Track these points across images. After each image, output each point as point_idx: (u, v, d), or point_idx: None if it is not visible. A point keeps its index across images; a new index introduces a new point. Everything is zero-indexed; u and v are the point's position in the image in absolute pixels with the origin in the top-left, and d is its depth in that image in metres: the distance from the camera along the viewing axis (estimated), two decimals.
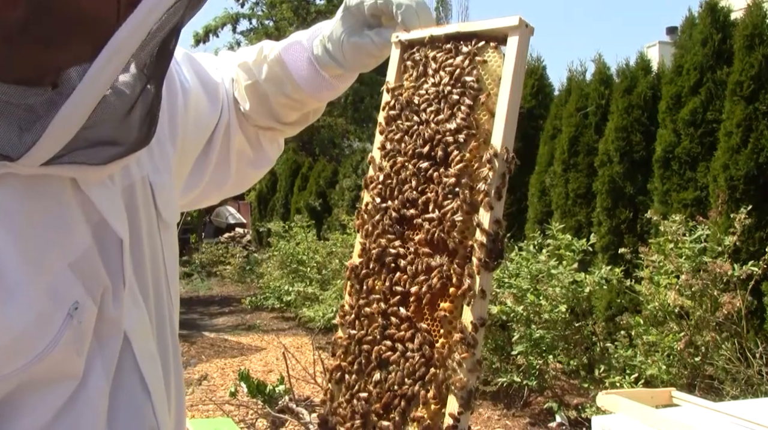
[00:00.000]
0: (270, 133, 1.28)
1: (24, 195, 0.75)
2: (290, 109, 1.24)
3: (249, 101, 1.22)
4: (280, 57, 1.19)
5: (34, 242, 0.75)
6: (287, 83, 1.19)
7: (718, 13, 5.86)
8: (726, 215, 4.96)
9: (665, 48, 13.27)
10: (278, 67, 1.20)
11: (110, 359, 0.84)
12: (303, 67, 1.18)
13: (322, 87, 1.20)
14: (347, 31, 1.12)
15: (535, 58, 8.20)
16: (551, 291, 4.99)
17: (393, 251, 1.01)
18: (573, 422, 5.17)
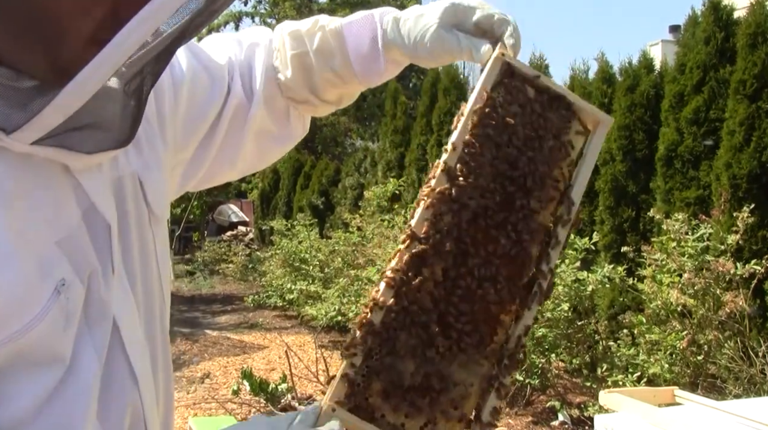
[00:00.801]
0: (303, 107, 1.26)
1: (15, 171, 0.77)
2: (332, 86, 1.22)
3: (291, 70, 1.20)
4: (340, 29, 1.19)
5: (23, 215, 0.77)
6: (338, 57, 1.18)
7: (721, 11, 5.85)
8: (729, 214, 4.96)
9: (668, 46, 13.26)
10: (334, 39, 1.18)
11: (101, 344, 0.84)
12: (363, 43, 1.17)
13: (373, 68, 1.18)
14: (440, 23, 1.10)
15: (538, 56, 8.19)
16: (554, 290, 4.99)
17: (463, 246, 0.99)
18: (575, 421, 5.17)
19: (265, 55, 1.21)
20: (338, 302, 7.68)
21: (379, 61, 1.17)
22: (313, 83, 1.21)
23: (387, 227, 7.24)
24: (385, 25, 1.16)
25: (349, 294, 7.39)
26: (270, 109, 1.21)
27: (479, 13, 1.08)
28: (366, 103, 22.31)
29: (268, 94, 1.20)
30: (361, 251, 7.92)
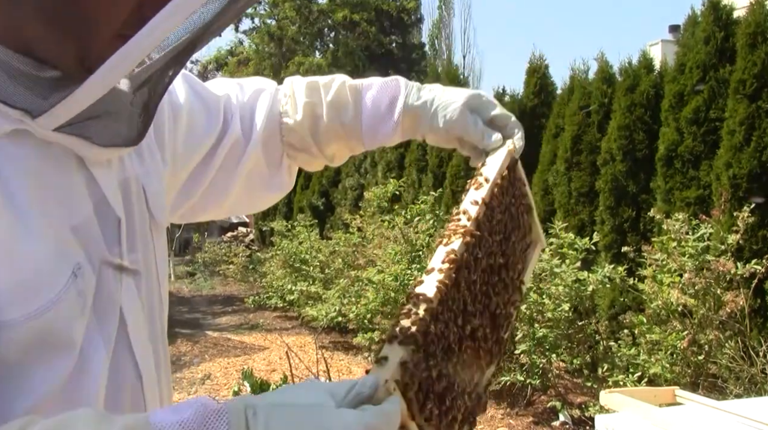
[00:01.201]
0: (298, 157, 1.27)
1: (36, 155, 0.79)
2: (335, 139, 1.24)
3: (301, 114, 1.22)
4: (359, 86, 1.22)
5: (44, 194, 0.79)
6: (351, 111, 1.21)
7: (721, 11, 5.85)
8: (729, 214, 4.96)
9: (668, 46, 13.26)
10: (352, 93, 1.22)
11: (108, 337, 0.85)
12: (382, 101, 1.21)
13: (382, 129, 1.21)
14: (465, 102, 1.17)
15: (538, 57, 8.20)
16: (554, 290, 4.99)
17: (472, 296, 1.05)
18: (576, 421, 5.17)
19: (270, 99, 1.24)
20: (339, 303, 7.68)
21: (390, 122, 1.20)
22: (319, 132, 1.23)
23: (387, 227, 7.24)
24: (409, 90, 1.20)
25: (349, 295, 7.39)
26: (266, 151, 1.23)
27: (499, 110, 1.17)
28: None
29: (267, 136, 1.23)
30: (362, 251, 7.92)
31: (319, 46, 25.37)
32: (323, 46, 25.50)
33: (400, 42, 25.92)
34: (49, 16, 0.76)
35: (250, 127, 1.22)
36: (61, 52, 0.78)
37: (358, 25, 24.05)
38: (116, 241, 0.89)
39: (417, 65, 26.04)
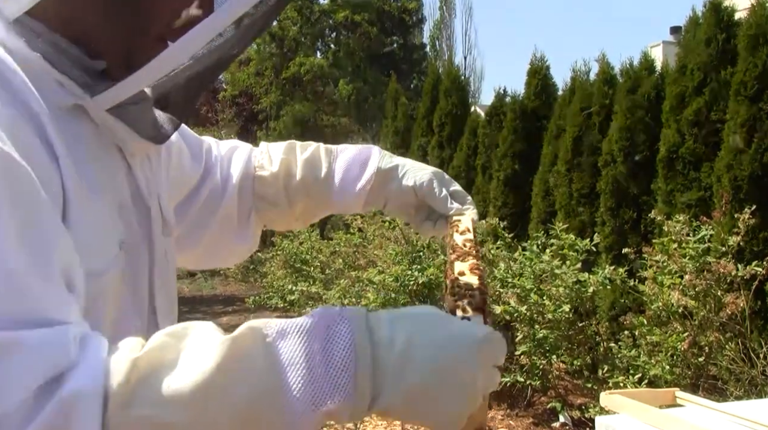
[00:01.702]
0: (267, 212, 1.30)
1: (91, 133, 0.85)
2: (305, 196, 1.27)
3: (277, 167, 1.27)
4: (335, 149, 1.29)
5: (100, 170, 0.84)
6: (324, 169, 1.26)
7: (722, 12, 5.85)
8: (730, 215, 4.96)
9: (669, 48, 13.26)
10: (326, 154, 1.27)
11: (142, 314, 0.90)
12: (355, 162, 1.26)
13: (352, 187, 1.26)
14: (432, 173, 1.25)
15: (539, 58, 8.19)
16: (555, 291, 4.99)
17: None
18: (576, 422, 5.17)
19: (246, 154, 1.29)
20: (339, 304, 7.67)
21: (362, 181, 1.25)
22: (291, 186, 1.27)
23: (388, 228, 7.24)
24: (382, 155, 1.27)
25: (350, 295, 7.38)
26: (240, 201, 1.27)
27: (458, 187, 1.26)
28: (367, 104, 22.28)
29: (241, 187, 1.26)
30: (362, 252, 7.92)
31: (321, 47, 25.38)
32: (324, 47, 25.50)
33: (401, 43, 25.91)
34: (108, 12, 0.81)
35: (227, 176, 1.26)
36: (110, 46, 0.83)
37: (360, 26, 24.05)
38: (149, 229, 0.95)
39: (418, 66, 26.04)
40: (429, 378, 0.70)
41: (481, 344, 0.73)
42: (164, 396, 0.63)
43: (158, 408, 0.62)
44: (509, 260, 5.49)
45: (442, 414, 0.72)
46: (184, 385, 0.63)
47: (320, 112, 21.58)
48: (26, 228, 0.65)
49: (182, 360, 0.65)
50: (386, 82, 16.81)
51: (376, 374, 0.70)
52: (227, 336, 0.68)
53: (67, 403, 0.59)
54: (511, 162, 7.89)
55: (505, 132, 8.08)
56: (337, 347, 0.70)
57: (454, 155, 9.11)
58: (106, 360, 0.64)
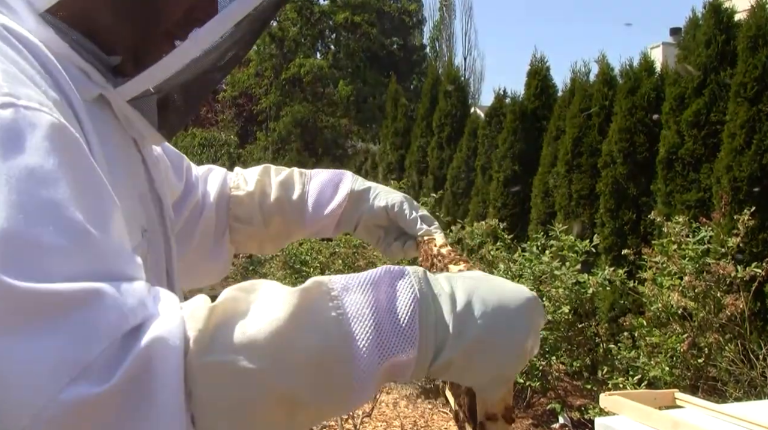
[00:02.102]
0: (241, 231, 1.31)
1: (113, 124, 0.88)
2: (279, 214, 1.30)
3: (252, 186, 1.30)
4: (308, 172, 1.32)
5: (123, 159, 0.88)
6: (298, 190, 1.29)
7: (722, 14, 5.85)
8: (729, 217, 4.96)
9: (669, 49, 13.25)
10: (300, 176, 1.31)
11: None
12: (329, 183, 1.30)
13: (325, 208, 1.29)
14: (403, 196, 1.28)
15: (539, 59, 8.20)
16: (554, 292, 4.99)
17: None
18: (576, 424, 5.17)
19: (222, 176, 1.32)
20: None
21: (335, 202, 1.29)
22: (265, 205, 1.30)
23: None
24: (355, 178, 1.31)
25: None
26: (217, 219, 1.30)
27: (425, 212, 1.29)
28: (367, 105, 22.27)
29: (218, 205, 1.29)
30: (362, 253, 7.92)
31: (320, 48, 25.38)
32: (324, 48, 25.51)
33: (401, 44, 25.92)
34: (121, 8, 0.84)
35: (205, 194, 1.29)
36: (122, 42, 0.86)
37: (360, 27, 24.06)
38: (161, 220, 0.98)
39: (418, 67, 26.05)
40: (488, 333, 0.72)
41: (531, 303, 0.76)
42: (241, 343, 0.65)
43: (235, 354, 0.64)
44: (509, 261, 5.49)
45: (496, 370, 0.74)
46: (259, 332, 0.65)
47: (320, 112, 21.57)
48: (90, 194, 0.67)
49: (254, 310, 0.67)
50: (386, 83, 16.81)
51: (439, 328, 0.72)
52: (295, 288, 0.70)
53: (149, 350, 0.61)
54: (510, 163, 7.90)
55: (505, 133, 8.08)
56: (401, 301, 0.71)
57: (454, 156, 9.12)
58: (182, 310, 0.67)
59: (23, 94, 0.66)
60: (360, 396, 0.70)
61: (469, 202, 8.64)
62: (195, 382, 0.63)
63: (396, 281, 0.73)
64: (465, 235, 6.31)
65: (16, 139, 0.63)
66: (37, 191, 0.61)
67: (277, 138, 21.38)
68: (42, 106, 0.67)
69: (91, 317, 0.60)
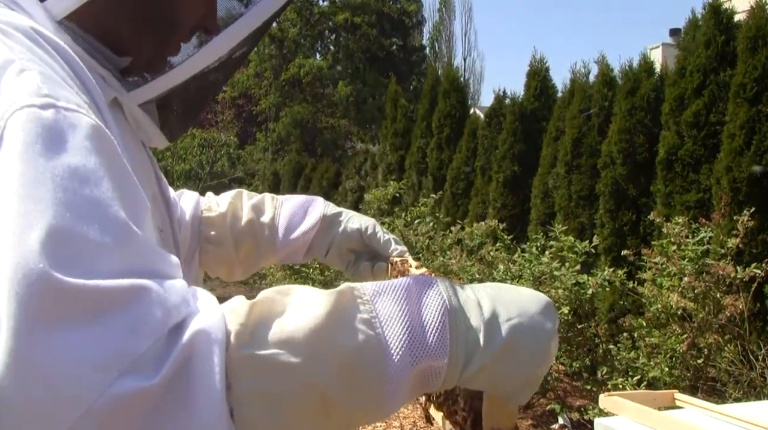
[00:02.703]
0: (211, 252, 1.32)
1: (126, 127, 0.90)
2: (250, 237, 1.31)
3: (225, 207, 1.31)
4: (280, 198, 1.34)
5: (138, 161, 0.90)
6: (270, 212, 1.30)
7: (722, 14, 5.85)
8: (729, 217, 4.96)
9: (668, 50, 13.27)
10: (271, 200, 1.32)
11: None
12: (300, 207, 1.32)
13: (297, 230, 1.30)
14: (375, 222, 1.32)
15: (539, 60, 8.20)
16: (554, 293, 4.99)
17: None
18: (576, 424, 5.17)
19: (195, 197, 1.34)
20: None
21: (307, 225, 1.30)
22: (236, 228, 1.31)
23: (387, 229, 7.24)
24: (327, 203, 1.33)
25: None
26: (190, 239, 1.31)
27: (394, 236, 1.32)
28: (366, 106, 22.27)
29: (192, 225, 1.31)
30: None
31: (320, 49, 25.39)
32: (324, 49, 25.52)
33: (400, 44, 25.93)
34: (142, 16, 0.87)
35: (182, 213, 1.30)
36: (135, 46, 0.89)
37: (359, 28, 24.06)
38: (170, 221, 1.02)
39: (417, 67, 26.06)
40: (516, 338, 0.74)
41: (550, 305, 0.78)
42: (280, 338, 0.67)
43: (275, 348, 0.66)
44: (508, 261, 5.49)
45: (526, 373, 0.75)
46: (297, 329, 0.67)
47: (319, 113, 21.58)
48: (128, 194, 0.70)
49: (291, 309, 0.70)
50: (385, 84, 16.80)
51: (470, 336, 0.73)
52: (329, 291, 0.72)
53: (193, 344, 0.62)
54: (510, 164, 7.90)
55: (505, 134, 8.08)
56: (431, 309, 0.73)
57: (454, 157, 9.12)
58: (221, 306, 0.69)
59: (62, 95, 0.67)
60: (392, 400, 0.71)
61: (469, 203, 8.64)
62: (235, 375, 0.64)
63: (425, 289, 0.74)
64: (465, 235, 6.31)
65: (59, 140, 0.64)
66: (81, 190, 0.63)
67: (276, 139, 21.38)
68: (80, 107, 0.68)
69: (139, 313, 0.61)
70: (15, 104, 0.64)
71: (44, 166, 0.62)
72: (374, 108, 21.82)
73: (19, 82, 0.66)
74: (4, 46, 0.68)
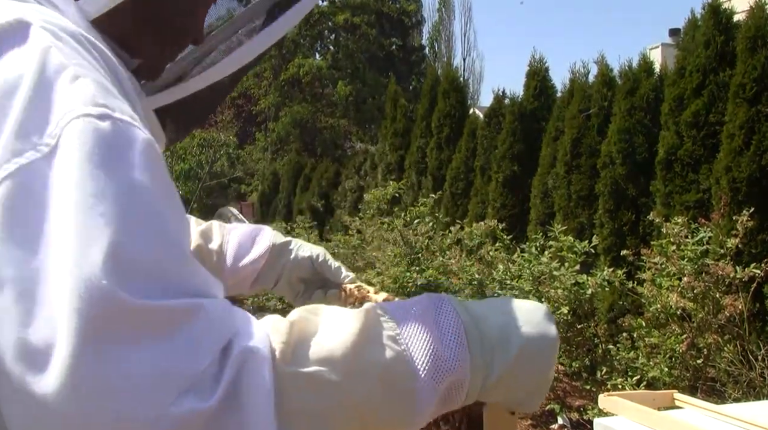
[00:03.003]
0: None
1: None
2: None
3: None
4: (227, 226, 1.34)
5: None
6: (218, 239, 1.29)
7: (721, 15, 5.86)
8: (728, 217, 4.96)
9: (668, 50, 13.26)
10: (219, 229, 1.31)
11: None
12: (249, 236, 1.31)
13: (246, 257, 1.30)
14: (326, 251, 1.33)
15: (538, 60, 8.20)
16: (553, 293, 4.99)
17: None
18: (575, 424, 5.17)
19: None
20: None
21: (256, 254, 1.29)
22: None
23: (387, 229, 7.24)
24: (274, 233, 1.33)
25: None
26: None
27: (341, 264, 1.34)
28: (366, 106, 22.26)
29: None
30: (361, 253, 7.92)
31: (320, 49, 25.39)
32: (323, 49, 25.52)
33: (400, 44, 25.93)
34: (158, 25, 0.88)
35: None
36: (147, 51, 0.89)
37: (359, 28, 24.06)
38: None
39: (417, 67, 26.07)
40: (527, 346, 0.77)
41: (548, 310, 0.81)
42: (320, 356, 0.68)
43: (317, 366, 0.67)
44: (508, 261, 5.49)
45: (536, 381, 0.79)
46: (335, 347, 0.69)
47: (319, 113, 21.58)
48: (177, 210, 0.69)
49: (323, 328, 0.71)
50: (385, 84, 16.80)
51: (485, 348, 0.75)
52: (355, 310, 0.74)
53: (244, 362, 0.63)
54: (509, 164, 7.90)
55: (504, 134, 8.08)
56: (447, 325, 0.75)
57: (453, 157, 9.12)
58: (263, 324, 0.71)
59: (116, 106, 0.66)
60: (420, 415, 0.73)
61: (468, 203, 8.64)
62: (282, 392, 0.65)
63: (437, 306, 0.77)
64: (464, 235, 6.31)
65: (117, 153, 0.63)
66: (140, 206, 0.62)
67: (276, 139, 21.39)
68: (134, 120, 0.67)
69: (197, 332, 0.61)
70: (72, 112, 0.63)
71: (104, 180, 0.61)
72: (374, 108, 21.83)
73: (74, 90, 0.64)
74: (57, 51, 0.66)
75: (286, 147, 20.90)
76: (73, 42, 0.70)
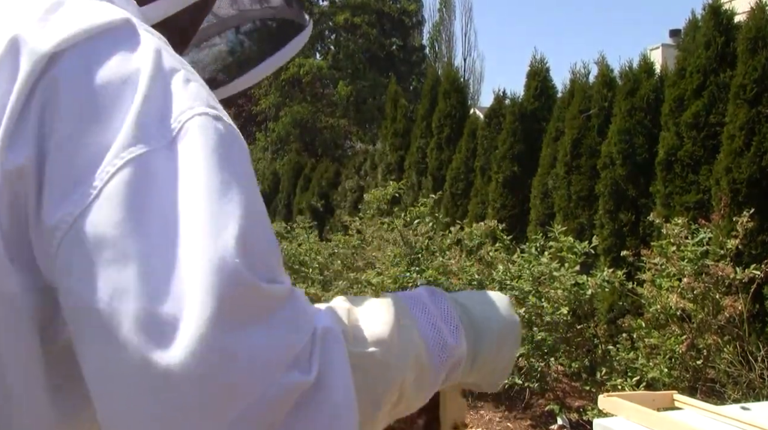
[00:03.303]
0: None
1: None
2: None
3: None
4: None
5: None
6: None
7: (722, 16, 5.86)
8: (728, 218, 4.96)
9: (668, 50, 13.26)
10: None
11: None
12: None
13: None
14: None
15: (539, 60, 8.20)
16: (553, 293, 4.99)
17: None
18: (574, 425, 5.17)
19: None
20: None
21: None
22: None
23: (387, 229, 7.24)
24: None
25: None
26: None
27: None
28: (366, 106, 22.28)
29: None
30: (361, 253, 7.92)
31: (320, 48, 25.38)
32: (324, 48, 25.51)
33: (400, 44, 25.93)
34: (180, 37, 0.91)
35: None
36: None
37: (359, 28, 24.06)
38: None
39: (417, 67, 26.06)
40: (502, 331, 0.87)
41: (511, 302, 0.92)
42: (373, 338, 0.75)
43: (373, 347, 0.75)
44: (508, 262, 5.49)
45: (506, 362, 0.89)
46: (382, 331, 0.76)
47: (319, 113, 21.57)
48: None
49: (364, 313, 0.79)
50: (386, 84, 16.80)
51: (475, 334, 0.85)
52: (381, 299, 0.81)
53: (329, 342, 0.68)
54: (510, 164, 7.90)
55: (504, 134, 8.08)
56: (447, 314, 0.84)
57: (453, 157, 9.12)
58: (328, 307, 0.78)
59: (221, 110, 0.72)
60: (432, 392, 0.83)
61: (468, 203, 8.64)
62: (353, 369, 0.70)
63: (438, 295, 0.86)
64: (464, 236, 6.31)
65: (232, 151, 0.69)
66: (254, 198, 0.68)
67: (276, 139, 21.38)
68: (233, 123, 0.73)
69: (297, 312, 0.67)
70: (192, 110, 0.67)
71: (229, 172, 0.65)
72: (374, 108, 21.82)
73: (189, 91, 0.69)
74: (167, 54, 0.71)
75: (286, 147, 20.91)
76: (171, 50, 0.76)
